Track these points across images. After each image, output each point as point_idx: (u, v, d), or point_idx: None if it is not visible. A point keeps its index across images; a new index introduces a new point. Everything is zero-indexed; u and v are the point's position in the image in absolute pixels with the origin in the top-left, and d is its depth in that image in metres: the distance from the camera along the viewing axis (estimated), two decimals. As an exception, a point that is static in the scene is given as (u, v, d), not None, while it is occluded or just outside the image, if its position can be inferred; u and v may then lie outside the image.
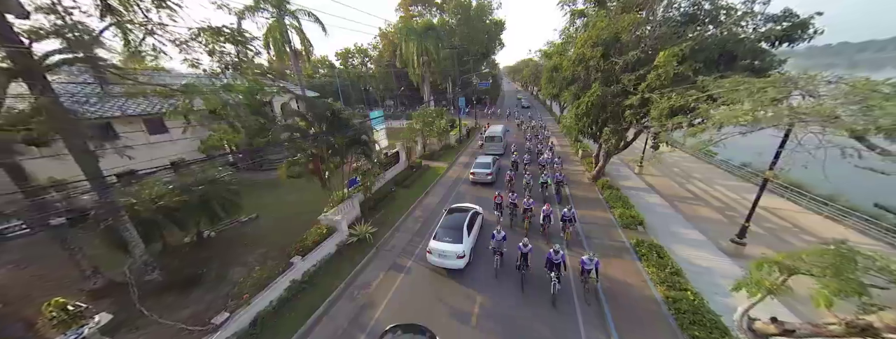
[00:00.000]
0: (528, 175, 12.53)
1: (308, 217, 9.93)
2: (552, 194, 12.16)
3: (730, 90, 4.52)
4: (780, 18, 8.87)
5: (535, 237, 8.96)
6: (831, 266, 3.68)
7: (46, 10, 5.58)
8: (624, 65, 8.08)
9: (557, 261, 6.60)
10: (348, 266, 8.42)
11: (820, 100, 4.28)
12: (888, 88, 3.94)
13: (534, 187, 12.18)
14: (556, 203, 11.52)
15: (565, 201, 11.89)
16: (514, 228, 9.86)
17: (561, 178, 12.46)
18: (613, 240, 9.32)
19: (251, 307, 6.38)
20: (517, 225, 9.97)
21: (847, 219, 10.07)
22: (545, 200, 11.33)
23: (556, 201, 11.81)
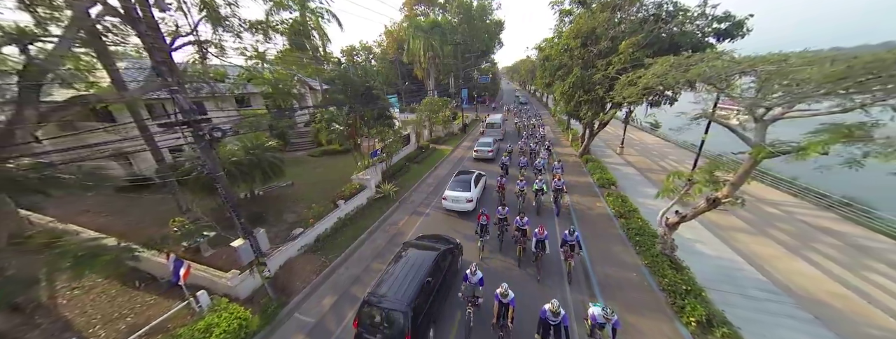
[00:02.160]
0: (521, 182, 10.22)
1: (335, 185, 12.10)
2: (549, 204, 10.18)
3: (660, 64, 6.86)
4: (722, 19, 11.41)
5: (526, 270, 7.14)
6: (706, 173, 6.06)
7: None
8: (597, 52, 10.52)
9: (555, 322, 4.40)
10: (378, 212, 10.68)
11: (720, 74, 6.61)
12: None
13: (527, 196, 10.25)
14: (555, 217, 9.77)
15: (566, 216, 9.83)
16: (500, 251, 7.91)
17: (561, 185, 10.04)
18: (591, 194, 11.76)
19: (313, 230, 8.62)
20: (504, 251, 7.90)
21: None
22: (538, 211, 9.91)
23: (555, 214, 9.88)
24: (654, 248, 7.36)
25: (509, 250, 7.89)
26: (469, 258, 7.51)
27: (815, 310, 5.98)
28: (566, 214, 10.16)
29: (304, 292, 6.79)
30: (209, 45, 9.50)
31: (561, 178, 10.43)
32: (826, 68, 4.16)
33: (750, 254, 7.91)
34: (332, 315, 6.19)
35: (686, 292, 5.94)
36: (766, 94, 4.82)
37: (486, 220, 7.53)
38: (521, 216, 7.53)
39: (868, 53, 4.18)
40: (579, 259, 7.39)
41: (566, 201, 10.80)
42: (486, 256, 7.77)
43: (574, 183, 12.98)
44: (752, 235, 8.96)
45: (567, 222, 9.54)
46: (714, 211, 9.77)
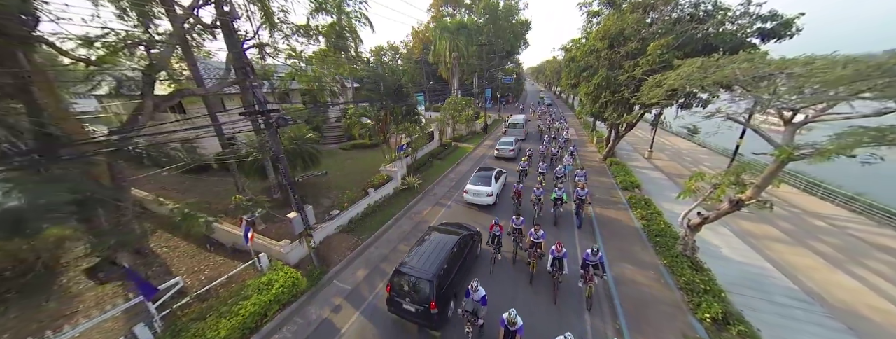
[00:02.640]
0: (539, 189, 9.53)
1: (364, 176, 13.13)
2: (569, 215, 9.47)
3: (687, 65, 6.94)
4: (767, 18, 10.91)
5: (539, 290, 6.47)
6: (732, 175, 6.12)
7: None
8: (625, 54, 10.54)
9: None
10: (403, 202, 11.54)
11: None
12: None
13: (544, 205, 9.59)
14: (576, 229, 9.05)
15: (588, 229, 9.02)
16: (513, 264, 7.38)
17: (584, 194, 9.08)
18: (613, 196, 11.74)
19: (347, 213, 9.65)
20: (517, 265, 7.36)
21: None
22: (556, 222, 9.22)
23: (576, 225, 9.15)
24: (675, 249, 7.43)
25: (523, 264, 7.31)
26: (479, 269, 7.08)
27: (850, 322, 5.81)
28: (588, 226, 9.30)
29: (341, 264, 7.76)
30: (267, 47, 10.96)
31: (585, 186, 9.56)
32: (859, 70, 4.21)
33: (783, 263, 7.66)
34: (365, 284, 7.07)
35: (704, 291, 6.04)
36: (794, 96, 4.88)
37: (500, 231, 7.12)
38: (536, 228, 6.82)
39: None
40: (602, 283, 6.51)
41: (589, 211, 9.81)
42: (496, 270, 7.20)
43: (595, 184, 12.99)
44: (790, 245, 8.59)
45: (589, 235, 8.81)
46: (750, 221, 9.55)
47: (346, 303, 6.53)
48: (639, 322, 5.76)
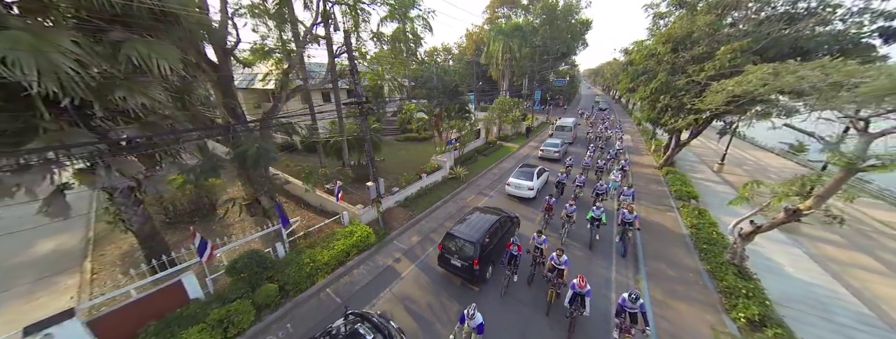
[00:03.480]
0: (571, 205, 8.38)
1: (415, 164, 14.94)
2: (608, 239, 8.45)
3: (753, 71, 6.86)
4: (894, 15, 9.49)
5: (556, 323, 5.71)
6: (793, 185, 6.09)
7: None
8: (689, 58, 10.23)
9: None
10: (450, 188, 13.09)
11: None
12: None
13: (576, 224, 8.51)
14: (620, 257, 7.81)
15: (632, 261, 7.70)
16: (529, 286, 6.75)
17: (633, 218, 7.86)
18: (662, 205, 11.51)
19: (404, 191, 11.58)
20: (533, 288, 6.69)
21: None
22: (591, 246, 8.13)
23: (621, 254, 7.90)
24: (722, 257, 7.40)
25: (540, 289, 6.48)
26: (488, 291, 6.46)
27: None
28: (633, 257, 7.87)
29: (399, 230, 9.61)
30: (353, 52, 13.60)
31: (633, 209, 8.04)
32: None
33: (866, 291, 6.98)
34: (418, 247, 8.74)
35: (746, 296, 6.12)
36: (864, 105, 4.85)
37: (518, 251, 6.50)
38: (559, 253, 6.02)
39: None
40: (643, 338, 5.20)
41: (634, 238, 8.30)
42: (509, 293, 6.51)
43: (647, 192, 12.71)
44: (888, 276, 7.62)
45: (631, 266, 7.49)
46: (836, 246, 8.73)
47: (404, 257, 8.27)
48: (668, 311, 6.19)
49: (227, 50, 8.10)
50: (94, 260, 8.02)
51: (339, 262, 7.70)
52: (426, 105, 15.11)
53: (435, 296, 6.79)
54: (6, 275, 7.44)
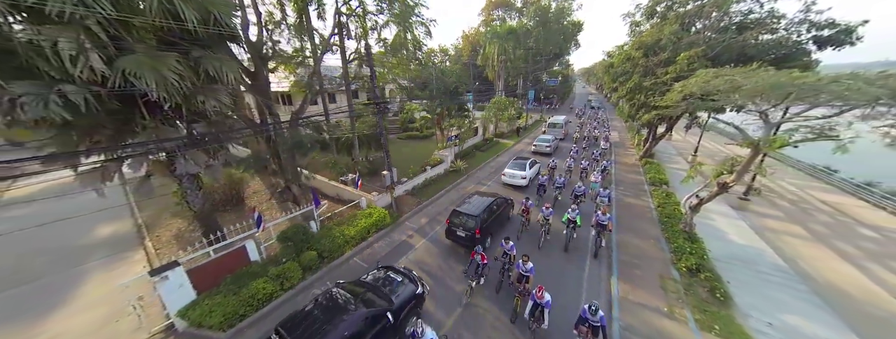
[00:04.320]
0: (548, 209, 8.56)
1: (418, 159, 16.53)
2: (584, 241, 8.61)
3: (699, 75, 8.59)
4: (824, 26, 11.39)
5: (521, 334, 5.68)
6: (727, 165, 7.85)
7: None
8: (657, 62, 12.03)
9: None
10: (452, 180, 14.74)
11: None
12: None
13: (552, 226, 8.61)
14: (592, 258, 8.06)
15: (605, 262, 7.95)
16: (497, 293, 6.73)
17: (606, 220, 8.06)
18: (637, 187, 13.29)
19: (411, 181, 13.21)
20: (501, 297, 6.63)
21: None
22: (566, 248, 8.34)
23: (592, 254, 8.20)
24: (677, 226, 9.15)
25: (509, 297, 6.34)
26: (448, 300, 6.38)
27: (823, 292, 7.10)
28: (606, 257, 8.17)
29: (409, 213, 11.22)
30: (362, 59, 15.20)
31: (607, 211, 8.33)
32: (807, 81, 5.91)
33: (789, 252, 8.78)
34: (427, 226, 10.38)
35: (689, 253, 7.85)
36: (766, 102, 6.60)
37: (482, 260, 6.34)
38: (525, 260, 5.92)
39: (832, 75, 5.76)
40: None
41: (609, 240, 8.65)
42: (472, 302, 6.38)
43: (626, 180, 14.49)
44: (808, 241, 9.45)
45: (604, 268, 7.66)
46: (776, 219, 10.50)
47: (415, 234, 9.90)
48: (630, 268, 7.90)
49: (263, 58, 9.66)
50: (153, 240, 9.52)
51: (361, 237, 9.30)
52: (428, 105, 16.75)
53: (444, 260, 8.44)
54: (81, 252, 8.93)
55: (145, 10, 5.41)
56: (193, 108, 6.82)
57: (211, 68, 6.57)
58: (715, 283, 6.89)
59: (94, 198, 6.68)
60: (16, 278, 7.66)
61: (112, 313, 6.49)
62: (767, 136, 6.77)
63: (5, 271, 8.01)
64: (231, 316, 6.11)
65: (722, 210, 11.40)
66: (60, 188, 14.41)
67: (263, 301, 6.66)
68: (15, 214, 11.61)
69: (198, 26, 5.86)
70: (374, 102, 9.79)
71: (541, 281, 6.34)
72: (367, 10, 13.58)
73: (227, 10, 6.84)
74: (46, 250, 9.00)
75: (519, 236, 9.11)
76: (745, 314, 6.26)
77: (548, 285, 5.89)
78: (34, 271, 7.95)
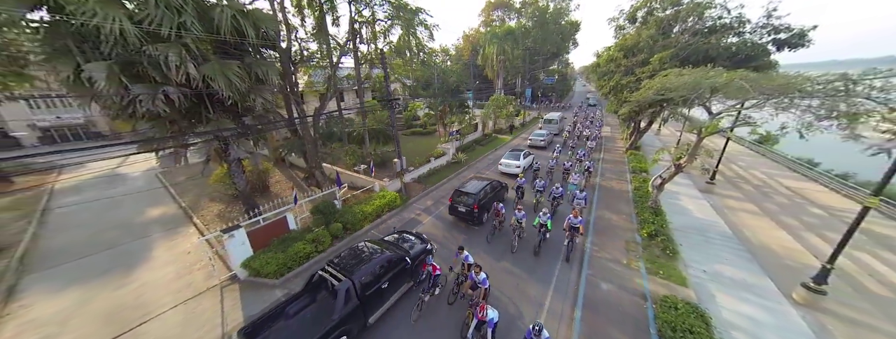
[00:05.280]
0: (520, 212, 8.51)
1: (422, 153, 18.30)
2: (558, 244, 8.47)
3: (663, 75, 10.26)
4: (780, 30, 13.07)
5: None
6: (684, 150, 9.56)
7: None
8: (635, 62, 13.70)
9: None
10: (453, 170, 16.49)
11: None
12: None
13: (526, 230, 8.74)
14: (563, 262, 7.95)
15: (577, 267, 7.79)
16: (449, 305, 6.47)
17: (578, 222, 7.96)
18: (620, 174, 15.00)
19: (418, 170, 14.98)
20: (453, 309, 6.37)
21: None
22: (536, 251, 8.24)
23: (563, 258, 8.07)
24: (646, 203, 10.85)
25: (464, 309, 6.08)
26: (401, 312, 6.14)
27: (755, 250, 8.79)
28: (578, 261, 8.04)
29: (416, 197, 12.97)
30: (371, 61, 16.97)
31: (579, 214, 8.03)
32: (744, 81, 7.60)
33: (737, 223, 10.47)
34: (432, 207, 12.13)
35: (651, 223, 9.55)
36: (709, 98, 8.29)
37: (434, 271, 6.15)
38: (477, 270, 5.72)
39: (769, 75, 7.45)
40: None
41: (582, 244, 8.62)
42: (423, 315, 6.16)
43: (612, 169, 16.19)
44: (757, 215, 11.14)
45: (574, 273, 7.54)
46: (735, 199, 12.19)
47: (423, 213, 11.65)
48: (603, 237, 9.61)
49: (293, 62, 11.44)
50: (200, 218, 11.32)
51: (377, 215, 11.06)
52: (432, 103, 18.50)
53: (448, 232, 10.18)
54: (142, 228, 10.74)
55: (219, 28, 7.16)
56: (246, 104, 8.59)
57: (260, 71, 8.35)
58: (668, 244, 8.58)
59: (137, 186, 8.46)
60: (99, 246, 9.48)
61: (181, 269, 8.28)
62: (707, 123, 8.44)
63: (89, 240, 9.84)
64: (282, 267, 7.88)
65: (690, 193, 13.09)
66: (107, 179, 16.25)
67: (303, 259, 8.42)
68: (74, 199, 13.49)
69: (253, 39, 7.62)
70: (386, 99, 11.53)
71: (505, 287, 6.63)
72: (377, 17, 15.35)
73: (273, 24, 8.65)
74: (114, 226, 10.83)
75: (490, 239, 8.96)
76: (686, 265, 7.96)
77: (513, 291, 6.31)
78: (111, 241, 9.77)
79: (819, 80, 6.31)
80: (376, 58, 17.36)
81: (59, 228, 10.79)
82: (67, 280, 7.82)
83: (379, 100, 12.36)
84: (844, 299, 6.84)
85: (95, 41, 6.05)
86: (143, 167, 17.80)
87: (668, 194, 12.69)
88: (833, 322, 6.16)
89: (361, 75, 16.10)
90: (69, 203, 12.99)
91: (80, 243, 9.66)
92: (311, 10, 13.31)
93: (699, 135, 8.48)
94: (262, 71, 8.37)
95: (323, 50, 13.92)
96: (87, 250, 9.24)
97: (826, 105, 5.71)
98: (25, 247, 9.32)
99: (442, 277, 6.63)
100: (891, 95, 5.57)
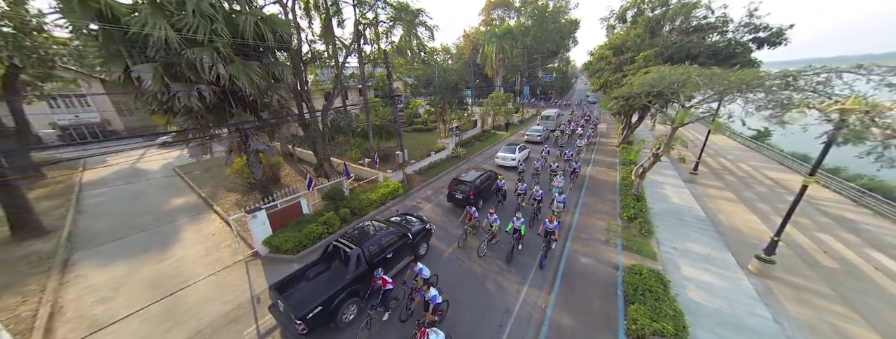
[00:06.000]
0: (492, 215, 8.21)
1: (423, 148, 19.35)
2: (534, 250, 8.08)
3: (643, 72, 11.18)
4: (758, 29, 13.93)
5: None
6: (661, 141, 10.51)
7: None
8: (623, 60, 14.60)
9: None
10: (452, 163, 17.52)
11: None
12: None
13: (495, 237, 8.39)
14: (538, 269, 7.57)
15: (551, 275, 7.38)
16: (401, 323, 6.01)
17: (554, 227, 7.58)
18: (611, 167, 15.95)
19: (419, 163, 16.04)
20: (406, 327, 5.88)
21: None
22: (508, 259, 7.77)
23: (539, 265, 7.68)
24: (630, 191, 11.81)
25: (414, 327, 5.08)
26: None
27: (723, 230, 9.73)
28: (553, 268, 7.54)
29: (417, 187, 14.04)
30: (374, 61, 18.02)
31: (555, 219, 7.66)
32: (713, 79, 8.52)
33: (714, 208, 11.40)
34: (432, 196, 13.18)
35: (631, 208, 10.51)
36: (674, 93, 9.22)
37: (385, 285, 5.72)
38: (427, 287, 5.36)
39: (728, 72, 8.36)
40: None
41: (558, 249, 8.22)
42: (372, 335, 5.81)
43: (603, 161, 17.13)
44: (733, 202, 12.06)
45: (547, 281, 7.10)
46: (715, 188, 13.09)
47: (423, 201, 12.71)
48: (588, 220, 10.59)
49: (304, 62, 12.50)
50: (221, 205, 12.47)
51: (381, 202, 12.12)
52: (432, 100, 19.53)
53: (445, 217, 11.23)
54: (169, 215, 11.89)
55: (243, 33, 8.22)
56: (264, 100, 9.66)
57: (276, 71, 9.42)
58: (644, 226, 9.55)
59: (157, 179, 9.56)
60: (133, 229, 10.65)
61: (209, 247, 9.41)
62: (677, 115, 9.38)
63: (123, 225, 11.01)
64: (298, 245, 8.97)
65: (674, 182, 14.01)
66: (128, 173, 17.50)
67: (317, 238, 9.50)
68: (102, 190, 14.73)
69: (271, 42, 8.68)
70: (388, 96, 12.56)
71: (472, 298, 6.25)
72: (379, 19, 16.37)
73: (288, 28, 9.71)
74: (143, 213, 12.00)
75: (460, 244, 8.52)
76: (659, 243, 8.93)
77: (479, 302, 5.94)
78: (142, 225, 10.93)
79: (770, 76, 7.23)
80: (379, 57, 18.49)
81: (94, 214, 11.98)
82: (111, 256, 8.98)
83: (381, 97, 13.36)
84: (793, 269, 7.78)
85: (142, 46, 7.14)
86: (161, 162, 19.04)
87: (654, 184, 13.64)
88: (778, 286, 7.12)
89: (365, 74, 17.15)
90: (98, 194, 14.22)
91: (115, 226, 10.83)
92: (318, 14, 14.37)
93: (673, 127, 9.43)
94: (278, 71, 9.44)
95: (329, 50, 14.99)
96: (123, 232, 10.41)
97: (770, 98, 6.64)
98: (69, 229, 10.51)
99: (396, 291, 6.06)
100: (828, 88, 6.50)
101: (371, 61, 18.01)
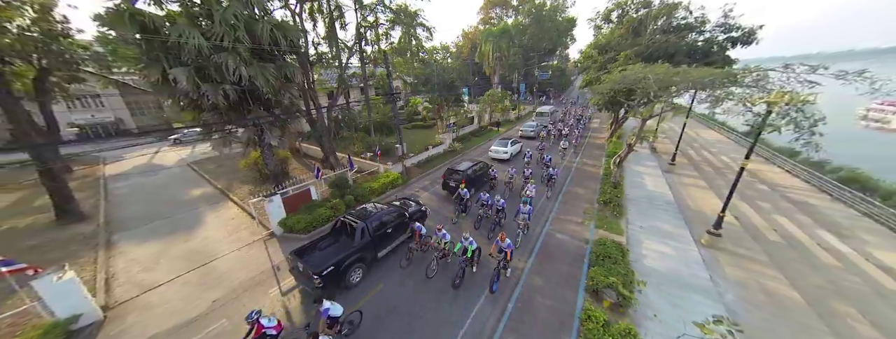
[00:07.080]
0: (440, 230, 7.57)
1: (422, 144, 20.62)
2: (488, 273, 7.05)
3: (618, 71, 12.33)
4: (731, 29, 15.04)
5: None
6: (635, 132, 11.71)
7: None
8: (607, 59, 15.75)
9: None
10: (449, 157, 18.77)
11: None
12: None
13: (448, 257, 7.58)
14: (488, 292, 6.77)
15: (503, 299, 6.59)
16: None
17: (507, 247, 6.77)
18: (598, 159, 17.16)
19: (417, 157, 17.30)
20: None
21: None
22: (455, 283, 6.92)
23: (489, 288, 6.80)
24: (610, 179, 13.03)
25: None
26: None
27: (685, 211, 10.93)
28: (507, 293, 6.77)
29: (416, 178, 15.31)
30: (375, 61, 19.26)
31: (505, 237, 6.83)
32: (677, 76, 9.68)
33: (684, 194, 12.60)
34: (429, 186, 14.45)
35: (608, 192, 11.73)
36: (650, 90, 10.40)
37: (321, 316, 4.85)
38: (328, 331, 4.79)
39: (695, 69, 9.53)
40: None
41: (509, 271, 7.34)
42: None
43: (592, 155, 18.33)
44: (703, 189, 13.25)
45: (498, 306, 6.39)
46: (690, 177, 14.25)
47: (420, 190, 13.98)
48: (568, 205, 11.82)
49: (311, 63, 13.76)
50: (236, 195, 13.80)
51: (382, 191, 13.40)
52: (430, 97, 20.76)
53: (440, 203, 12.50)
54: (189, 204, 13.23)
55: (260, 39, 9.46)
56: (277, 98, 10.93)
57: (288, 72, 10.68)
58: (617, 208, 10.78)
59: (174, 173, 10.84)
60: (160, 216, 11.99)
61: (231, 229, 10.72)
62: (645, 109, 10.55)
63: (150, 212, 12.36)
64: (308, 226, 10.27)
65: (653, 172, 15.20)
66: (147, 168, 18.90)
67: (325, 221, 10.78)
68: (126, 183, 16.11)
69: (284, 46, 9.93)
70: (388, 94, 13.81)
71: (403, 328, 5.56)
72: (379, 21, 17.58)
73: (298, 33, 10.97)
74: (167, 202, 13.35)
75: (407, 261, 7.87)
76: (628, 222, 10.16)
77: (420, 335, 5.15)
78: (168, 212, 12.27)
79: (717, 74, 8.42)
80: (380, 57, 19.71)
81: (122, 203, 13.35)
82: (145, 237, 10.31)
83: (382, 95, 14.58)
84: (740, 242, 9.00)
85: (177, 52, 8.41)
86: (175, 159, 20.43)
87: (635, 174, 14.83)
88: (722, 255, 8.35)
89: (366, 73, 18.38)
90: (123, 186, 15.60)
91: (143, 213, 12.18)
92: (322, 18, 15.61)
93: (643, 119, 10.61)
94: (289, 71, 10.71)
95: (333, 51, 16.24)
96: (152, 218, 11.75)
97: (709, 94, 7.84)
98: (104, 215, 11.87)
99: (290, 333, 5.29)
100: (764, 83, 7.69)
101: (372, 61, 19.26)
